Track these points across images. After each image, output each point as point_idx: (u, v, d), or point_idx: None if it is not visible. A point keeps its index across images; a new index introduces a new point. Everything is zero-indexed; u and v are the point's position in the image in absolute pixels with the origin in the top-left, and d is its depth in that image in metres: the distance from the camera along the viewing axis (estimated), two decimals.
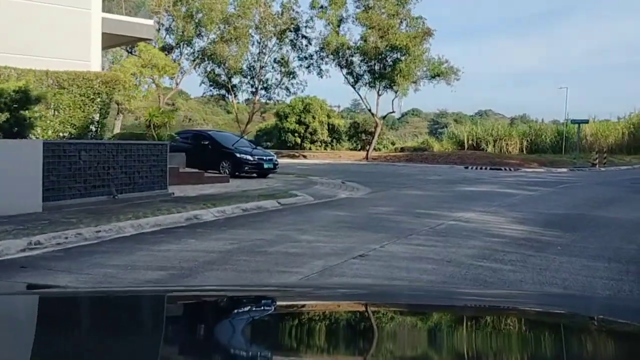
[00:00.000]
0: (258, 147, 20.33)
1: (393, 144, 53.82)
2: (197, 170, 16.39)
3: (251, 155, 17.99)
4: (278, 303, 1.56)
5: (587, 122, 28.68)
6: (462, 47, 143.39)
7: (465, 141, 48.41)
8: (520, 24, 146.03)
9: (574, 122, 28.48)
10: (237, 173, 17.83)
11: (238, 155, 17.87)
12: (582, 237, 8.40)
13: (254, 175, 18.29)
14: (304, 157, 39.88)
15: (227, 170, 17.89)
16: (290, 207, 11.71)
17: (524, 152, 46.57)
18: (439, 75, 34.12)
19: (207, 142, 18.51)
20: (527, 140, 46.71)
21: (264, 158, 18.29)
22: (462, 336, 1.29)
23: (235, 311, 1.48)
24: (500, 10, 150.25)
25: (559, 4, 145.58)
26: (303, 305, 1.57)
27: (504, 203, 12.85)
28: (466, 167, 28.87)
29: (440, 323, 1.41)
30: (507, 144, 47.05)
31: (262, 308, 1.53)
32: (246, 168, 17.85)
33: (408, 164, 32.93)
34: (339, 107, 57.83)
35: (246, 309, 1.51)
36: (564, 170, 27.36)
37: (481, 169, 28.58)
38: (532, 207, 12.19)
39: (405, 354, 1.19)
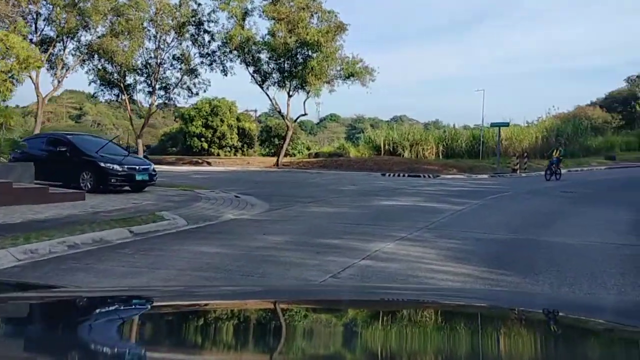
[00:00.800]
0: (133, 154, 16.63)
1: (308, 149, 51.30)
2: (42, 184, 12.60)
3: (119, 164, 14.28)
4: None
5: (507, 125, 27.27)
6: (381, 54, 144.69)
7: (382, 146, 46.67)
8: (437, 32, 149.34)
9: (493, 125, 26.95)
10: (101, 187, 14.13)
11: (102, 164, 14.13)
12: (549, 284, 5.73)
13: (126, 188, 14.66)
14: (208, 163, 36.24)
15: (88, 184, 14.15)
16: (144, 239, 8.35)
17: (440, 157, 45.47)
18: (353, 75, 31.69)
19: (64, 149, 14.64)
20: (443, 145, 45.58)
21: (137, 168, 14.62)
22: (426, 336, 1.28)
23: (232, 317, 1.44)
24: (418, 18, 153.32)
25: (473, 12, 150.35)
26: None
27: (430, 224, 10.16)
28: (383, 174, 26.54)
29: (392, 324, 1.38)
30: (423, 149, 45.72)
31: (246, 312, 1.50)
32: (113, 180, 14.16)
33: (322, 171, 30.19)
34: (255, 111, 54.34)
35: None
36: (485, 176, 25.68)
37: (399, 176, 26.33)
38: (466, 229, 9.57)
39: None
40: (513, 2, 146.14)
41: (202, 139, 45.46)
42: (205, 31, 33.28)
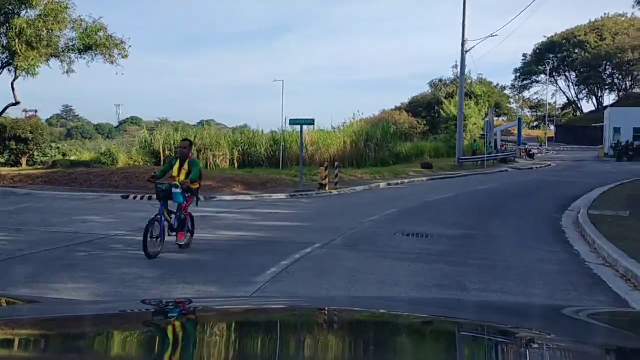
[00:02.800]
0: None
1: (64, 155, 39.11)
2: None
3: None
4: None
5: (312, 122, 19.24)
6: (191, 59, 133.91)
7: (162, 152, 36.63)
8: (245, 39, 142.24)
9: (293, 122, 18.93)
10: None
11: None
12: None
13: None
14: None
15: None
16: None
17: (236, 165, 37.00)
18: (92, 48, 21.23)
19: None
20: (239, 151, 37.12)
21: None
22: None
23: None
24: (227, 25, 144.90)
25: (280, 21, 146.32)
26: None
27: None
28: (126, 197, 16.70)
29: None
30: (214, 156, 36.75)
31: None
32: None
33: (38, 190, 19.17)
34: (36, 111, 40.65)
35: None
36: (282, 196, 17.43)
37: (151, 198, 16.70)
38: None
39: None
40: (316, 15, 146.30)
41: None
42: None
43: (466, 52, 34.15)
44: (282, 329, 1.51)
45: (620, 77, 67.48)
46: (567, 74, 76.50)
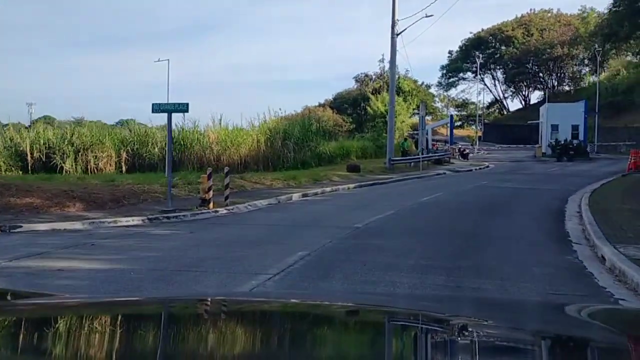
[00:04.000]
0: None
1: None
2: None
3: None
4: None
5: (185, 109, 12.43)
6: (111, 57, 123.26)
7: (29, 154, 29.50)
8: (161, 38, 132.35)
9: (158, 109, 12.15)
10: None
11: None
12: None
13: None
14: None
15: None
16: None
17: (124, 168, 30.44)
18: None
19: None
20: (127, 152, 30.44)
21: None
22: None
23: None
24: (144, 23, 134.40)
25: (203, 20, 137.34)
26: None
27: None
28: None
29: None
30: (96, 158, 29.93)
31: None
32: None
33: None
34: None
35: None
36: (136, 221, 11.08)
37: None
38: None
39: None
40: (236, 15, 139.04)
41: None
42: None
43: (397, 34, 29.18)
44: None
45: (548, 73, 65.61)
46: (493, 72, 74.32)
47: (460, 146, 45.28)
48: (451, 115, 50.52)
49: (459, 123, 79.22)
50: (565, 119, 40.08)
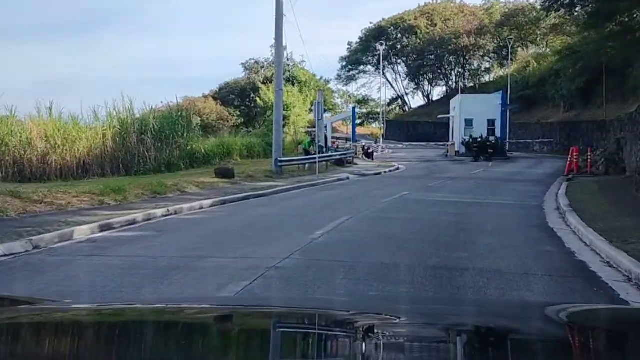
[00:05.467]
0: None
1: None
2: None
3: None
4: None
5: None
6: None
7: None
8: (55, 30, 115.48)
9: None
10: None
11: None
12: None
13: None
14: None
15: None
16: None
17: None
18: None
19: None
20: None
21: None
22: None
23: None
24: (35, 15, 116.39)
25: (93, 15, 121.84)
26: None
27: None
28: None
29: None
30: None
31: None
32: None
33: None
34: None
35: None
36: None
37: None
38: None
39: None
40: (135, 9, 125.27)
41: None
42: None
43: None
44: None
45: (452, 65, 61.73)
46: (395, 65, 69.77)
47: (364, 144, 39.27)
48: (353, 108, 44.52)
49: (359, 121, 74.18)
50: (481, 112, 35.19)
